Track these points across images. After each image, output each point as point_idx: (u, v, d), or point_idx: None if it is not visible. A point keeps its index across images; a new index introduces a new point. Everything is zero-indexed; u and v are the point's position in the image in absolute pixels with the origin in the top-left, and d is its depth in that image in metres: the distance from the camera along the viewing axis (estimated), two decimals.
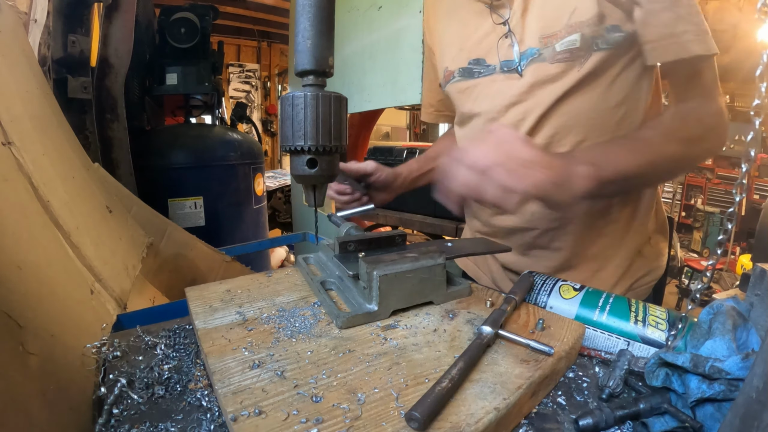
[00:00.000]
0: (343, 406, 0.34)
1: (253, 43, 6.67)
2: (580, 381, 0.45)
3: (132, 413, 0.38)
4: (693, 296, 0.46)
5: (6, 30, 0.76)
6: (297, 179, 0.53)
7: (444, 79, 0.87)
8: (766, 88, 0.40)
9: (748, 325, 0.40)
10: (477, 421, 0.33)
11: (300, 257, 0.65)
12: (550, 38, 0.68)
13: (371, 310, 0.49)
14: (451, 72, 0.83)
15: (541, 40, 0.68)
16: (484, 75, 0.77)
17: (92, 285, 0.65)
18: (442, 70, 0.87)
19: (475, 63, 0.78)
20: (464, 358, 0.39)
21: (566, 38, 0.66)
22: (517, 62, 0.72)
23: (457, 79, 0.82)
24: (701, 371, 0.35)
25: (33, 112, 0.74)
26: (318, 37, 0.47)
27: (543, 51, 0.68)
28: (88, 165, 0.94)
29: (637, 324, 0.51)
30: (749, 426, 0.26)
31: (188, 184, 1.99)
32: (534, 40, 0.69)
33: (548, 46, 0.68)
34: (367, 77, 1.99)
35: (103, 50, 1.60)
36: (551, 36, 0.67)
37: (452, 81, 0.83)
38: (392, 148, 1.95)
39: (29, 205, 0.60)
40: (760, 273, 0.41)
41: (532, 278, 0.59)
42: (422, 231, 2.03)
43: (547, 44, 0.68)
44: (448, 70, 0.84)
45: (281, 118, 0.51)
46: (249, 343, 0.44)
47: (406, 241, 0.61)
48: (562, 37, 0.66)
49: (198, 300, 0.53)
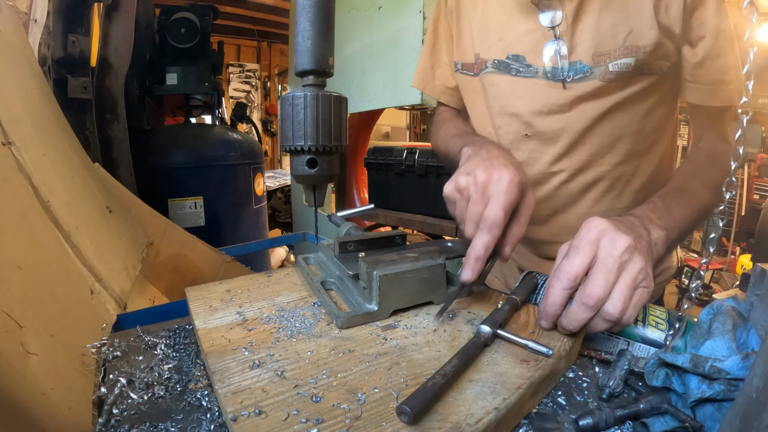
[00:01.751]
0: (343, 406, 0.34)
1: (253, 43, 6.68)
2: (580, 381, 0.45)
3: (132, 413, 0.38)
4: (689, 295, 0.46)
5: (6, 30, 0.76)
6: (297, 179, 0.53)
7: (470, 66, 0.80)
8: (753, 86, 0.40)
9: (748, 325, 0.40)
10: (477, 421, 0.33)
11: (300, 257, 0.65)
12: (603, 56, 0.66)
13: (371, 310, 0.49)
14: (484, 61, 0.77)
15: (595, 57, 0.66)
16: (524, 75, 0.73)
17: (92, 285, 0.65)
18: (468, 54, 0.81)
19: (515, 59, 0.73)
20: (459, 356, 0.39)
21: (620, 60, 0.65)
22: (564, 72, 0.69)
23: (490, 70, 0.76)
24: (701, 371, 0.35)
25: (33, 112, 0.74)
26: (318, 37, 0.47)
27: (595, 69, 0.67)
28: (88, 165, 0.94)
29: (637, 324, 0.51)
30: (749, 426, 0.26)
31: (188, 184, 1.99)
32: (587, 57, 0.67)
33: (601, 64, 0.66)
34: (367, 77, 1.99)
35: (103, 50, 1.60)
36: (605, 54, 0.66)
37: (484, 71, 0.78)
38: (392, 148, 1.95)
39: (29, 205, 0.60)
40: (760, 273, 0.41)
41: (535, 279, 0.59)
42: (422, 231, 2.03)
43: (600, 63, 0.66)
44: (480, 58, 0.78)
45: (281, 118, 0.51)
46: (249, 343, 0.44)
47: (406, 241, 0.61)
48: (616, 58, 0.65)
49: (198, 300, 0.53)
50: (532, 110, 0.73)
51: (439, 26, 0.90)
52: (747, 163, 4.57)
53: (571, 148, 0.72)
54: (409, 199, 1.91)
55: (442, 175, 1.75)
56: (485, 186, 0.52)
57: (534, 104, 0.73)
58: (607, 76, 0.66)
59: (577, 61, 0.68)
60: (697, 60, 0.65)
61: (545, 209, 0.78)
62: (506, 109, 0.76)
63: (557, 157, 0.74)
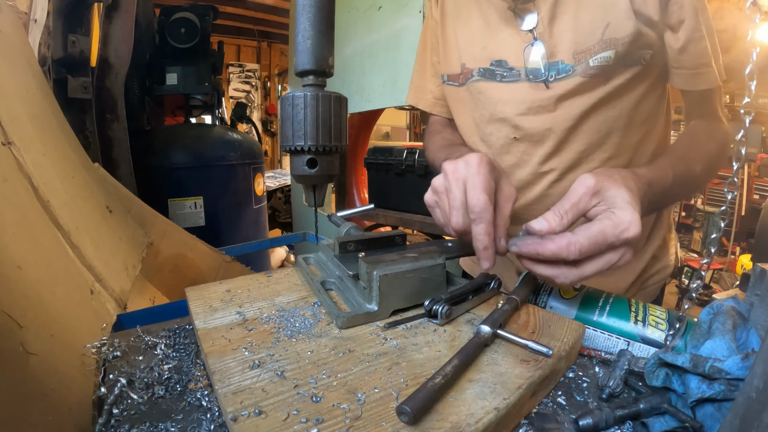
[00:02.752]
0: (343, 406, 0.34)
1: (253, 43, 6.68)
2: (580, 381, 0.45)
3: (132, 413, 0.38)
4: (689, 295, 0.46)
5: (6, 30, 0.76)
6: (297, 179, 0.53)
7: (455, 77, 0.82)
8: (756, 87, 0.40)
9: (748, 325, 0.40)
10: (477, 421, 0.33)
11: (300, 257, 0.65)
12: (584, 53, 0.66)
13: (371, 310, 0.49)
14: (470, 70, 0.79)
15: (575, 56, 0.67)
16: (508, 80, 0.74)
17: (92, 285, 0.65)
18: (454, 65, 0.82)
19: (497, 65, 0.75)
20: (459, 356, 0.39)
21: (600, 54, 0.65)
22: (545, 73, 0.69)
23: (476, 79, 0.78)
24: (701, 371, 0.35)
25: (33, 112, 0.74)
26: (318, 37, 0.47)
27: (576, 67, 0.67)
28: (88, 165, 0.94)
29: (637, 324, 0.51)
30: (749, 426, 0.26)
31: (188, 184, 1.99)
32: (567, 56, 0.67)
33: (581, 62, 0.67)
34: (367, 77, 1.99)
35: (103, 50, 1.60)
36: (585, 51, 0.66)
37: (471, 80, 0.79)
38: (392, 148, 1.95)
39: (29, 205, 0.60)
40: (760, 273, 0.41)
41: (536, 279, 0.59)
42: (422, 231, 2.03)
43: (580, 60, 0.67)
44: (466, 68, 0.79)
45: (281, 118, 0.51)
46: (249, 343, 0.43)
47: (406, 241, 0.61)
48: (596, 53, 0.65)
49: (198, 300, 0.53)
50: (518, 113, 0.74)
51: (427, 39, 0.92)
52: (747, 163, 4.57)
53: (559, 147, 0.73)
54: (409, 199, 1.91)
55: None
56: (455, 173, 0.52)
57: (520, 107, 0.73)
58: (588, 72, 0.66)
59: (558, 61, 0.68)
60: (680, 45, 0.64)
61: (539, 209, 0.78)
62: (495, 115, 0.77)
63: (546, 157, 0.74)
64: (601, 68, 0.65)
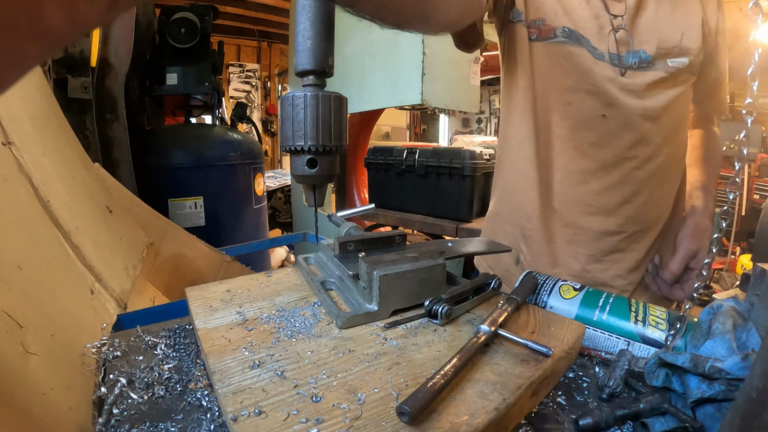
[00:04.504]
0: (343, 406, 0.34)
1: (253, 43, 6.67)
2: (580, 381, 0.45)
3: (132, 413, 0.38)
4: (690, 295, 0.46)
5: None
6: (297, 179, 0.53)
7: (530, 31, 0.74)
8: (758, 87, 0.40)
9: (748, 325, 0.40)
10: (477, 421, 0.33)
11: (300, 257, 0.65)
12: (665, 52, 0.71)
13: (371, 310, 0.49)
14: (551, 28, 0.72)
15: (659, 50, 0.70)
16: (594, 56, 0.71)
17: (92, 285, 0.65)
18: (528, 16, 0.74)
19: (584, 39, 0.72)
20: (459, 356, 0.39)
21: (679, 58, 0.71)
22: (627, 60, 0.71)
23: (560, 39, 0.71)
24: (701, 371, 0.35)
25: (33, 112, 0.74)
26: (318, 37, 0.47)
27: (657, 63, 0.71)
28: (88, 165, 0.94)
29: (637, 324, 0.51)
30: (749, 426, 0.26)
31: (188, 184, 1.99)
32: (651, 48, 0.70)
33: (661, 59, 0.71)
34: (367, 77, 1.99)
35: (103, 50, 1.60)
36: (666, 50, 0.71)
37: (552, 39, 0.72)
38: (392, 148, 1.95)
39: (29, 205, 0.60)
40: (760, 273, 0.41)
41: (535, 279, 0.59)
42: (422, 231, 2.03)
43: (660, 56, 0.71)
44: (546, 24, 0.72)
45: (281, 118, 0.51)
46: (249, 343, 0.43)
47: (406, 241, 0.61)
48: (675, 55, 0.71)
49: (198, 300, 0.53)
50: (609, 91, 0.71)
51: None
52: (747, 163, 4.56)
53: (645, 136, 0.73)
54: (409, 199, 1.91)
55: (442, 175, 1.74)
56: None
57: (613, 84, 0.71)
58: (669, 70, 0.71)
59: (639, 50, 0.71)
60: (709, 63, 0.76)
61: (614, 198, 0.75)
62: (581, 86, 0.72)
63: (634, 143, 0.73)
64: (678, 71, 0.71)
